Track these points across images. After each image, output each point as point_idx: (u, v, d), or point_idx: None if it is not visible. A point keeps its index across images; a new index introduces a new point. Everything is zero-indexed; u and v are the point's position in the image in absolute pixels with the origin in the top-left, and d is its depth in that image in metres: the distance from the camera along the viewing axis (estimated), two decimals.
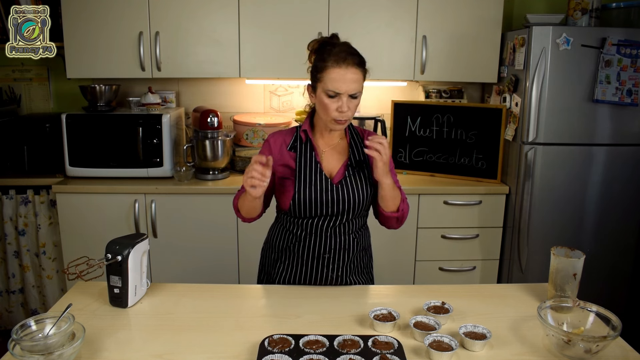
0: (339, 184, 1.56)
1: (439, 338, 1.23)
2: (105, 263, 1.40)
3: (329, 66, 1.47)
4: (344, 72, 1.45)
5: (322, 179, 1.56)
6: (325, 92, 1.48)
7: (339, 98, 1.47)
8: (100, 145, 2.66)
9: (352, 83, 1.46)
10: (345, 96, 1.47)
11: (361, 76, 1.49)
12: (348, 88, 1.46)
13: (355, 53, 1.50)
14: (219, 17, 2.71)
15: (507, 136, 2.71)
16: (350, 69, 1.46)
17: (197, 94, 3.13)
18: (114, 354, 1.22)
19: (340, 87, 1.45)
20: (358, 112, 3.06)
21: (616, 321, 1.24)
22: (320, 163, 1.59)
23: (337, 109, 1.47)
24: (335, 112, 1.48)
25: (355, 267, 1.66)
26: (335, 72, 1.46)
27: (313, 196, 1.55)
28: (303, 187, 1.55)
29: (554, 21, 2.55)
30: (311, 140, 1.60)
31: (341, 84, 1.45)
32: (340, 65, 1.46)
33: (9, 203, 2.73)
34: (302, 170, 1.57)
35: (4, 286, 2.86)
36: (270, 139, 1.64)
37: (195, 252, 2.67)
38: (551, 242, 2.18)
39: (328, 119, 1.51)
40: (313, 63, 1.55)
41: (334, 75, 1.46)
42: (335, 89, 1.46)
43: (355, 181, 1.58)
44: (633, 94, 2.48)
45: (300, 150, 1.59)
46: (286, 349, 1.19)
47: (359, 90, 1.49)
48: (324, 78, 1.48)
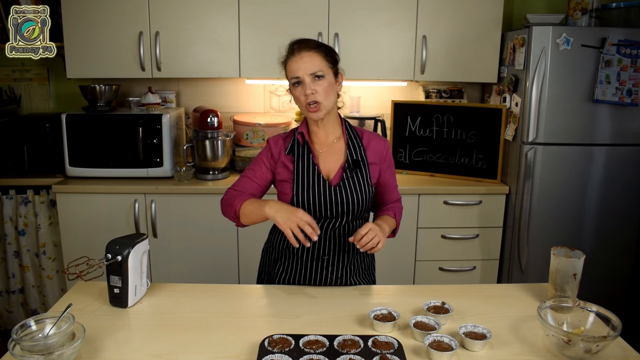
0: (337, 186, 1.56)
1: (439, 338, 1.23)
2: (105, 263, 1.40)
3: (287, 60, 1.56)
4: (298, 57, 1.52)
5: (319, 182, 1.56)
6: (292, 84, 1.55)
7: (302, 84, 1.52)
8: (100, 145, 2.66)
9: (307, 64, 1.51)
10: (307, 78, 1.51)
11: (320, 57, 1.53)
12: (305, 69, 1.51)
13: (309, 40, 1.56)
14: (219, 17, 2.71)
15: (507, 136, 2.71)
16: (303, 52, 1.52)
17: (197, 94, 3.13)
18: (114, 354, 1.22)
19: (297, 71, 1.52)
20: (358, 112, 3.06)
21: (616, 321, 1.24)
22: (318, 165, 1.58)
23: (303, 94, 1.52)
24: (302, 97, 1.52)
25: (356, 269, 1.66)
26: (291, 60, 1.54)
27: (311, 199, 1.54)
28: (301, 190, 1.55)
29: (554, 21, 2.55)
30: (308, 143, 1.60)
31: (297, 67, 1.52)
32: (295, 54, 1.53)
33: (9, 203, 2.73)
34: (299, 173, 1.57)
35: (4, 286, 2.86)
36: (271, 141, 1.65)
37: (195, 252, 2.67)
38: (551, 242, 2.19)
39: (302, 109, 1.56)
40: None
41: (291, 63, 1.54)
42: (294, 73, 1.52)
43: (354, 182, 1.57)
44: (633, 94, 2.48)
45: (298, 153, 1.59)
46: (286, 349, 1.19)
47: (320, 69, 1.51)
48: (287, 73, 1.56)
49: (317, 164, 1.58)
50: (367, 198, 1.59)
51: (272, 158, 1.62)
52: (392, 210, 1.68)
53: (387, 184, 1.68)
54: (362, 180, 1.58)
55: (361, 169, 1.59)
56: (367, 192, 1.58)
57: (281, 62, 1.59)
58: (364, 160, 1.61)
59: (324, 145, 1.62)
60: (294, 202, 1.55)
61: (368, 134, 1.67)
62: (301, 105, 1.55)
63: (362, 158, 1.61)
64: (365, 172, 1.60)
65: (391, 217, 1.65)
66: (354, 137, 1.64)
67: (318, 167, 1.58)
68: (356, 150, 1.61)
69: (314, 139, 1.63)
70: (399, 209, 1.71)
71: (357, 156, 1.60)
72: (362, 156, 1.61)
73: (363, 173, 1.59)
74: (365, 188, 1.58)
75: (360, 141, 1.63)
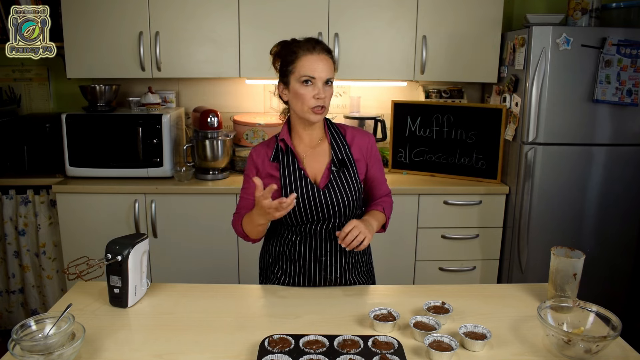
0: (325, 188, 1.55)
1: (439, 338, 1.23)
2: (105, 263, 1.40)
3: (300, 55, 1.48)
4: (317, 57, 1.48)
5: (307, 186, 1.54)
6: (300, 81, 1.48)
7: (314, 85, 1.48)
8: (100, 145, 2.66)
9: (325, 68, 1.48)
10: (320, 82, 1.48)
11: (331, 64, 1.52)
12: (322, 73, 1.48)
13: (323, 42, 1.54)
14: (219, 17, 2.71)
15: (507, 136, 2.71)
16: (322, 55, 1.49)
17: (197, 94, 3.13)
18: (114, 354, 1.22)
19: (315, 71, 1.47)
20: (358, 112, 3.06)
21: (616, 321, 1.24)
22: (304, 169, 1.56)
23: (314, 95, 1.47)
24: (312, 100, 1.48)
25: (354, 267, 1.66)
26: (307, 58, 1.48)
27: (300, 204, 1.53)
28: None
29: (554, 21, 2.55)
30: (291, 148, 1.58)
31: (315, 67, 1.47)
32: (312, 51, 1.48)
33: (9, 203, 2.73)
34: (286, 179, 1.55)
35: (4, 286, 2.86)
36: (253, 153, 1.63)
37: (195, 252, 2.67)
38: (551, 242, 2.18)
39: (305, 109, 1.49)
40: (280, 61, 1.55)
41: (307, 61, 1.47)
42: (310, 72, 1.47)
43: (342, 182, 1.56)
44: (633, 94, 2.48)
45: (282, 160, 1.57)
46: (286, 349, 1.19)
47: (332, 75, 1.51)
48: (296, 68, 1.49)
49: (303, 168, 1.56)
50: (356, 196, 1.57)
51: (257, 170, 1.60)
52: (380, 205, 1.66)
53: (375, 178, 1.66)
54: (349, 179, 1.57)
55: (347, 167, 1.58)
56: (356, 191, 1.57)
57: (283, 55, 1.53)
58: (349, 158, 1.59)
59: (308, 148, 1.60)
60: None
61: (351, 130, 1.64)
62: (304, 104, 1.49)
63: (347, 156, 1.59)
64: (352, 170, 1.58)
65: (380, 212, 1.64)
66: (337, 135, 1.61)
67: (304, 172, 1.56)
68: (340, 150, 1.59)
69: (297, 143, 1.60)
70: (389, 203, 1.70)
71: (342, 155, 1.58)
72: (348, 154, 1.59)
73: (350, 172, 1.58)
74: (354, 186, 1.57)
75: (344, 139, 1.61)
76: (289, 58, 1.51)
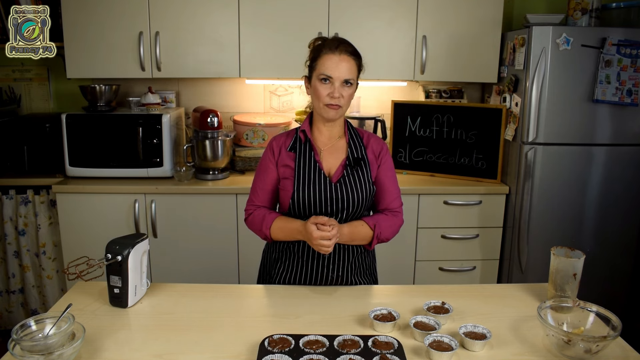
0: (338, 183, 1.57)
1: (439, 338, 1.23)
2: (105, 263, 1.40)
3: (322, 53, 1.53)
4: (337, 58, 1.51)
5: (320, 178, 1.57)
6: (319, 78, 1.52)
7: (331, 83, 1.51)
8: (100, 145, 2.66)
9: (344, 69, 1.51)
10: (338, 82, 1.51)
11: (354, 65, 1.54)
12: (340, 73, 1.50)
13: (349, 43, 1.56)
14: (219, 17, 2.71)
15: (507, 136, 2.71)
16: (343, 55, 1.52)
17: (197, 94, 3.13)
18: (114, 354, 1.22)
19: (332, 71, 1.50)
20: (358, 112, 3.06)
21: (616, 321, 1.24)
22: (320, 162, 1.59)
23: (328, 94, 1.51)
24: (326, 97, 1.51)
25: (357, 267, 1.66)
26: (327, 57, 1.52)
27: (312, 195, 1.55)
28: (302, 186, 1.56)
29: (554, 21, 2.55)
30: (310, 140, 1.61)
31: (333, 67, 1.50)
32: (334, 51, 1.52)
33: (9, 203, 2.73)
34: (301, 169, 1.58)
35: (4, 286, 2.86)
36: (273, 141, 1.66)
37: (195, 252, 2.67)
38: (551, 242, 2.19)
39: (320, 105, 1.54)
40: (310, 57, 1.59)
41: (327, 60, 1.51)
42: (327, 71, 1.50)
43: (355, 179, 1.58)
44: (633, 94, 2.48)
45: (300, 150, 1.60)
46: (286, 349, 1.19)
47: (352, 77, 1.53)
48: (318, 65, 1.53)
49: (319, 161, 1.59)
50: (367, 195, 1.59)
51: (274, 157, 1.63)
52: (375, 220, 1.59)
53: (382, 184, 1.63)
54: (362, 177, 1.59)
55: (362, 166, 1.60)
56: (367, 189, 1.59)
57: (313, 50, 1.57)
58: (364, 158, 1.62)
59: (326, 144, 1.63)
60: (294, 198, 1.55)
61: (368, 135, 1.68)
62: (319, 100, 1.53)
63: (362, 156, 1.62)
64: (366, 170, 1.61)
65: (368, 226, 1.57)
66: (355, 136, 1.65)
67: (320, 164, 1.59)
68: (357, 149, 1.62)
69: (317, 136, 1.63)
70: (389, 221, 1.61)
71: (358, 154, 1.62)
72: (363, 154, 1.62)
73: (364, 170, 1.60)
74: (366, 185, 1.59)
75: (361, 140, 1.65)
76: (315, 54, 1.56)
